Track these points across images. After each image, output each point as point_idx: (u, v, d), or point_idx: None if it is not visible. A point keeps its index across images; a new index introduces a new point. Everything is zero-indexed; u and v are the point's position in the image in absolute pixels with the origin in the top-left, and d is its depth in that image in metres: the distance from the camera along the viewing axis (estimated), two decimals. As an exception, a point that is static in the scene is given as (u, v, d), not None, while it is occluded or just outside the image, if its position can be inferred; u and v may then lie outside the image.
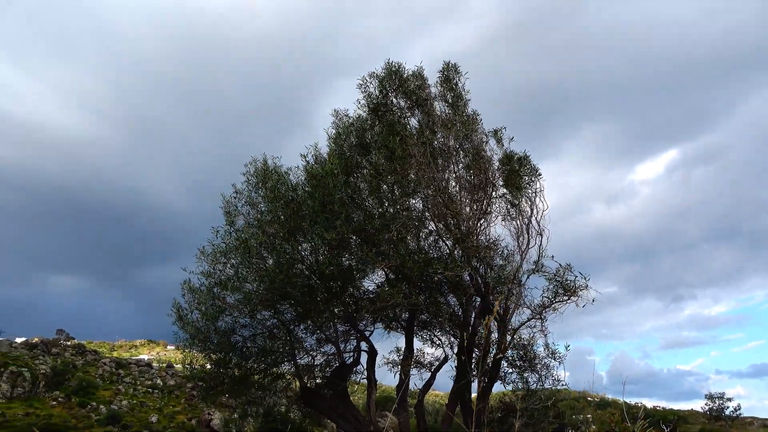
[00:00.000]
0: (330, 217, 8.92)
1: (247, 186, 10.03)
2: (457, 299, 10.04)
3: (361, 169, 10.19)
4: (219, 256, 9.46)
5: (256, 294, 9.32)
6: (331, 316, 9.94)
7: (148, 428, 47.35)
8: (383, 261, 8.67)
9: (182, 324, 9.47)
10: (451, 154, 9.94)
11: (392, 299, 8.44)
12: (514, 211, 9.76)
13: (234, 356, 9.64)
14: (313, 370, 10.12)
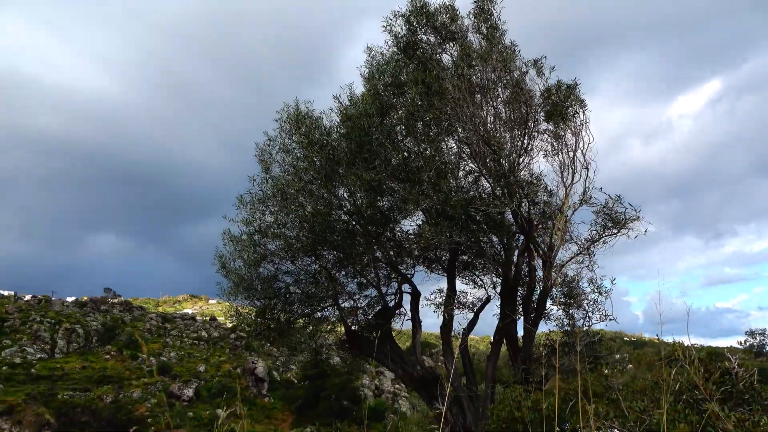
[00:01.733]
0: (368, 158, 8.72)
1: (281, 133, 9.87)
2: (498, 238, 9.84)
3: (395, 109, 9.88)
4: (257, 204, 9.43)
5: (296, 240, 9.31)
6: (372, 259, 9.89)
7: (197, 377, 49.52)
8: (424, 200, 8.47)
9: (225, 272, 9.56)
10: (488, 89, 9.51)
11: (435, 238, 8.28)
12: (558, 145, 9.36)
13: (278, 302, 9.73)
14: (356, 313, 10.17)
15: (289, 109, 9.78)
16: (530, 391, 7.09)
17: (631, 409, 4.83)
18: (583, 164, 8.96)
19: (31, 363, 45.77)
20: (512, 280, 9.34)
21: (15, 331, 49.34)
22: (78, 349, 51.51)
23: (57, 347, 49.62)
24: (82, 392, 41.51)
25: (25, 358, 46.17)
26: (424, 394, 9.72)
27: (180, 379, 47.38)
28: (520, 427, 6.54)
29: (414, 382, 9.74)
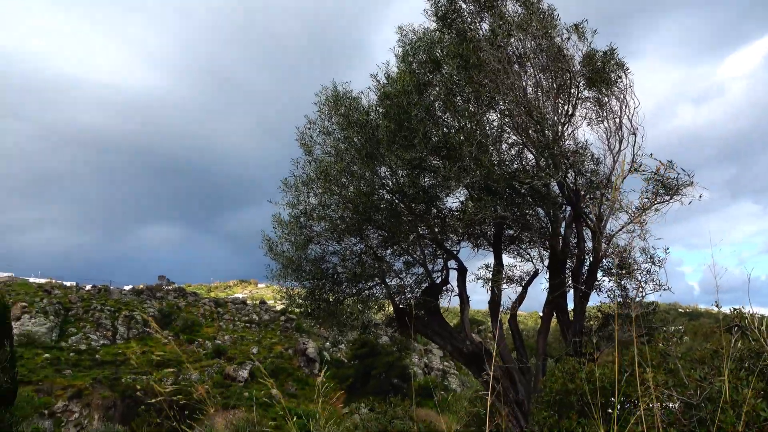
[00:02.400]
0: (408, 136, 8.69)
1: (320, 115, 9.93)
2: (545, 210, 9.68)
3: (432, 86, 9.77)
4: (301, 186, 9.56)
5: (341, 221, 9.41)
6: (416, 237, 9.90)
7: (250, 359, 51.01)
8: (466, 176, 8.40)
9: (273, 255, 9.77)
10: (528, 57, 9.28)
11: (479, 214, 8.22)
12: (602, 112, 9.09)
13: (326, 282, 9.90)
14: (403, 291, 10.24)
15: (327, 91, 9.82)
16: (583, 363, 7.01)
17: (690, 378, 4.72)
18: (630, 130, 8.68)
19: (95, 349, 48.19)
20: (560, 252, 9.19)
21: (79, 320, 51.96)
22: (137, 335, 53.90)
23: (118, 333, 52.03)
24: (143, 375, 43.50)
25: (89, 345, 48.64)
26: (475, 370, 9.74)
27: (235, 361, 49.02)
28: (574, 398, 6.49)
29: (464, 357, 9.78)
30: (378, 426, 6.77)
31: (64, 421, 37.83)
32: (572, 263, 9.74)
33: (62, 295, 55.98)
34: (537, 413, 7.00)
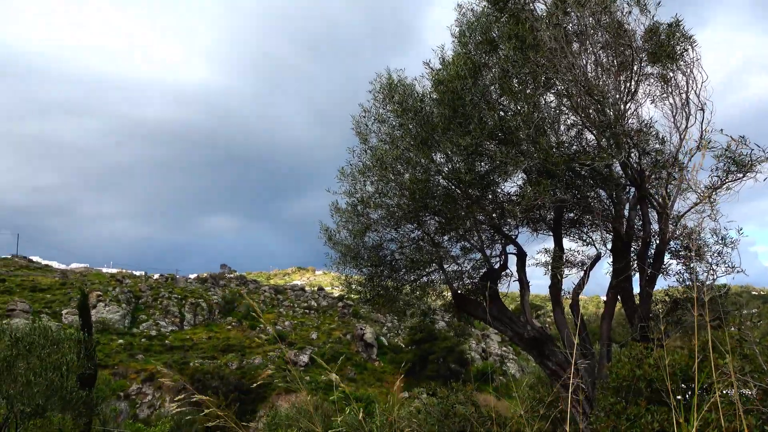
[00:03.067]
0: (463, 122, 8.61)
1: (374, 103, 9.97)
2: (607, 192, 9.40)
3: (488, 68, 9.61)
4: (358, 175, 9.66)
5: (398, 208, 9.46)
6: (474, 223, 9.84)
7: (310, 344, 52.26)
8: (525, 160, 8.26)
9: (332, 243, 9.95)
10: (586, 35, 8.97)
11: (537, 198, 8.07)
12: (668, 88, 8.69)
13: (384, 269, 10.00)
14: (462, 276, 10.22)
15: (382, 79, 9.84)
16: (651, 349, 6.82)
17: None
18: (698, 106, 8.27)
19: (164, 335, 50.61)
20: (624, 235, 8.92)
21: (148, 307, 54.62)
22: (203, 321, 56.23)
23: (185, 320, 54.44)
24: (210, 360, 45.41)
25: (159, 331, 51.12)
26: (536, 355, 9.64)
27: (295, 346, 50.39)
28: (643, 384, 6.33)
29: (524, 342, 9.69)
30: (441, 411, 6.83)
31: (138, 402, 40.04)
32: (637, 246, 9.43)
33: (133, 284, 58.94)
34: (603, 399, 6.87)
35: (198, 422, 23.31)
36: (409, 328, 51.53)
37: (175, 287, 60.81)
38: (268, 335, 52.93)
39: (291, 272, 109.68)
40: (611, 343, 9.17)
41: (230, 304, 59.02)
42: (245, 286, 68.51)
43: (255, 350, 49.17)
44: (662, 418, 6.02)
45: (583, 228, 10.35)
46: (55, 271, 65.10)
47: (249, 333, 53.75)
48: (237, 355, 47.39)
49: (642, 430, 5.99)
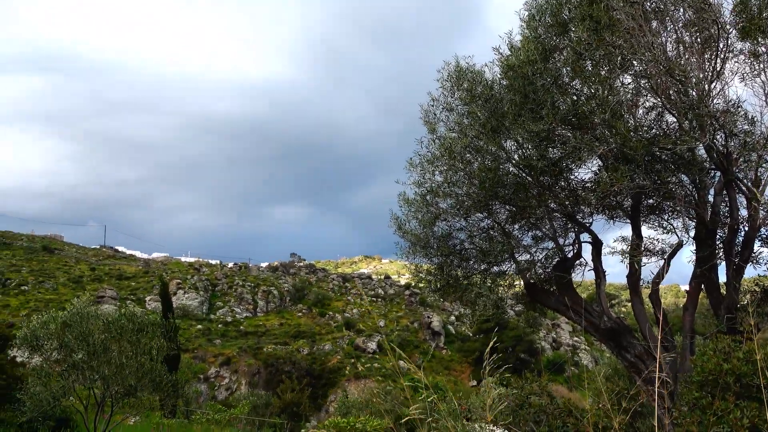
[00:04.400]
0: (534, 108, 8.42)
1: (443, 91, 9.91)
2: (689, 177, 8.93)
3: (559, 51, 9.32)
4: (426, 165, 9.66)
5: (467, 197, 9.40)
6: (546, 211, 9.63)
7: (378, 331, 52.91)
8: (600, 145, 7.98)
9: (402, 233, 10.02)
10: (667, 12, 8.52)
11: (614, 185, 7.79)
12: (758, 65, 8.13)
13: (454, 258, 9.98)
14: (534, 266, 10.04)
15: (449, 66, 9.75)
16: (740, 342, 6.47)
17: None
18: (794, 83, 7.69)
19: (239, 321, 52.80)
20: (709, 221, 8.46)
21: (224, 294, 57.10)
22: (275, 308, 58.20)
23: (258, 307, 56.53)
24: (282, 346, 47.02)
25: (234, 317, 53.38)
26: (613, 346, 9.35)
27: (363, 333, 51.27)
28: (731, 379, 6.03)
29: (600, 333, 9.42)
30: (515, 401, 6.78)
31: (216, 385, 42.06)
32: (723, 233, 8.93)
33: (209, 272, 61.73)
34: (687, 394, 6.59)
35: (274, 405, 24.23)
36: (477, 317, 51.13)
37: (249, 275, 63.19)
38: (337, 322, 54.09)
39: (358, 260, 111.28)
40: (694, 335, 8.75)
41: (300, 291, 60.69)
42: (314, 275, 70.21)
43: (325, 337, 50.43)
44: (753, 414, 5.72)
45: (663, 215, 9.90)
46: (139, 260, 69.21)
47: (318, 320, 55.16)
48: (308, 341, 48.77)
49: (731, 427, 5.72)
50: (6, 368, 16.02)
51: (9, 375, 15.70)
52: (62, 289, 52.06)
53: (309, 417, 29.06)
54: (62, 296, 49.15)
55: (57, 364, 11.80)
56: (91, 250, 72.28)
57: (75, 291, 50.78)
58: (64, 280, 54.40)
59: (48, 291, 50.93)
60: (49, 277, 54.07)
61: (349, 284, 67.60)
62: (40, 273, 54.63)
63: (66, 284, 53.37)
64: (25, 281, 51.77)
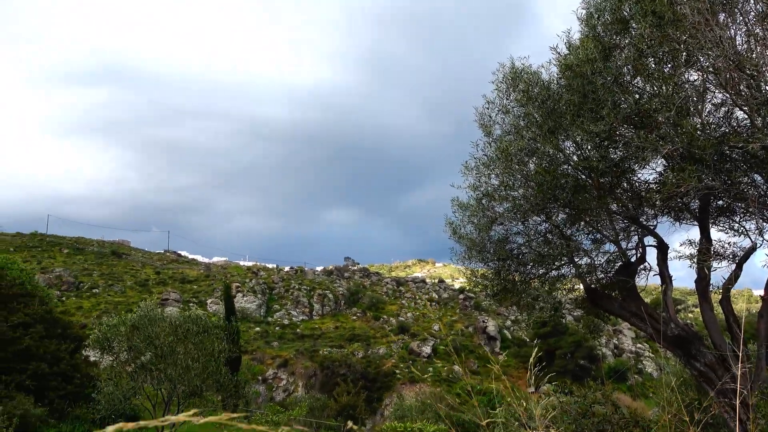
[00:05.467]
0: (594, 108, 8.19)
1: (498, 93, 9.79)
2: (763, 177, 8.46)
3: (620, 49, 9.03)
4: (482, 168, 9.57)
5: (524, 200, 9.24)
6: (606, 213, 9.34)
7: (432, 335, 52.68)
8: (665, 145, 7.67)
9: (457, 238, 9.95)
10: (736, 3, 8.11)
11: (681, 186, 7.47)
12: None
13: (511, 263, 9.83)
14: (594, 270, 9.75)
15: (504, 68, 9.63)
16: (824, 352, 6.06)
17: None
18: None
19: (296, 324, 53.75)
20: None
21: (281, 298, 58.29)
22: (330, 312, 58.94)
23: (313, 310, 57.39)
24: (337, 349, 47.52)
25: (291, 320, 54.39)
26: (681, 354, 8.95)
27: (417, 337, 51.14)
28: (814, 392, 5.65)
29: (667, 341, 9.03)
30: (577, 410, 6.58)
31: (274, 386, 42.95)
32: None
33: (266, 276, 63.21)
34: (764, 406, 6.24)
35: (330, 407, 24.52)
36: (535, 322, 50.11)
37: (304, 279, 64.30)
38: (392, 326, 54.17)
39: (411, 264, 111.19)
40: (771, 343, 8.26)
41: (354, 295, 61.19)
42: (368, 278, 70.63)
43: (379, 340, 50.62)
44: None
45: (734, 216, 9.41)
46: (200, 265, 71.64)
47: (373, 323, 55.42)
48: (362, 344, 49.08)
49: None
50: (81, 367, 16.95)
51: (83, 374, 16.60)
52: (129, 291, 54.58)
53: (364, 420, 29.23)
54: (130, 299, 51.53)
55: (126, 365, 12.40)
56: (156, 254, 75.43)
57: (141, 294, 53.12)
58: (131, 283, 57.01)
59: (117, 294, 53.52)
60: (118, 281, 56.80)
61: (403, 288, 67.64)
62: (109, 277, 57.49)
63: (133, 287, 55.91)
64: (96, 284, 54.60)
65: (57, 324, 17.90)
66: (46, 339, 16.44)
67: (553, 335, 46.44)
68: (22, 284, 19.55)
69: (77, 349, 17.77)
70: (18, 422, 12.30)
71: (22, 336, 15.88)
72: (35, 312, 17.19)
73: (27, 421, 12.89)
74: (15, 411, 12.59)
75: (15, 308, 16.77)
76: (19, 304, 17.08)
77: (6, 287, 17.34)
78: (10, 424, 11.98)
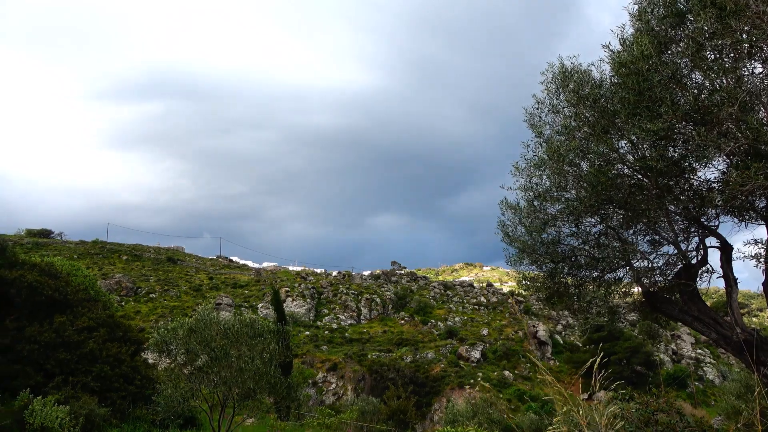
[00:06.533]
0: (651, 105, 7.92)
1: (547, 93, 9.62)
2: (839, 172, 7.97)
3: (675, 43, 8.72)
4: (533, 169, 9.42)
5: (577, 201, 9.03)
6: (665, 214, 9.01)
7: (481, 340, 52.06)
8: (727, 142, 7.34)
9: (510, 240, 9.82)
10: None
11: (747, 184, 7.13)
12: None
13: (564, 265, 9.61)
14: (652, 273, 9.42)
15: (554, 68, 9.47)
16: None
17: None
18: None
19: (344, 328, 54.16)
20: None
21: (329, 302, 58.88)
22: (377, 316, 59.11)
23: (361, 314, 57.70)
24: (385, 353, 47.58)
25: (339, 324, 54.85)
26: (747, 360, 8.51)
27: (466, 342, 50.62)
28: None
29: (732, 346, 8.62)
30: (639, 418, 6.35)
31: (324, 390, 43.38)
32: None
33: (315, 280, 64.01)
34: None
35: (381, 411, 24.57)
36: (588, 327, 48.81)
37: (352, 284, 64.75)
38: (440, 330, 53.85)
39: (458, 268, 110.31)
40: None
41: (402, 299, 61.17)
42: (415, 282, 70.50)
43: (427, 344, 50.39)
44: None
45: (805, 215, 8.91)
46: (251, 270, 73.26)
47: (421, 328, 55.24)
48: (410, 348, 48.97)
49: None
50: (140, 369, 17.59)
51: (143, 376, 17.22)
52: (184, 296, 56.35)
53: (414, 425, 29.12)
54: (184, 303, 53.20)
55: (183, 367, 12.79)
56: (209, 260, 77.64)
57: (195, 298, 54.78)
58: (185, 288, 58.85)
59: (172, 298, 55.33)
60: (173, 286, 58.73)
61: (451, 292, 67.16)
62: (165, 282, 59.53)
63: (188, 292, 57.70)
64: (153, 289, 56.62)
65: (118, 328, 18.66)
66: (109, 342, 17.14)
67: (607, 340, 45.07)
68: (85, 290, 20.50)
69: (137, 351, 18.45)
70: (83, 421, 12.88)
71: (86, 339, 16.62)
72: (98, 316, 17.98)
73: (92, 420, 13.48)
74: (81, 411, 13.19)
75: (80, 313, 17.59)
76: (83, 309, 17.90)
77: (72, 293, 18.21)
78: (76, 423, 12.56)
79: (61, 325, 16.41)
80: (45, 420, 12.10)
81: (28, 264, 19.03)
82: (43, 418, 12.12)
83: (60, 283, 18.25)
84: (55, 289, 17.45)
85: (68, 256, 48.46)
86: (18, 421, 12.27)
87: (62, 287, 18.03)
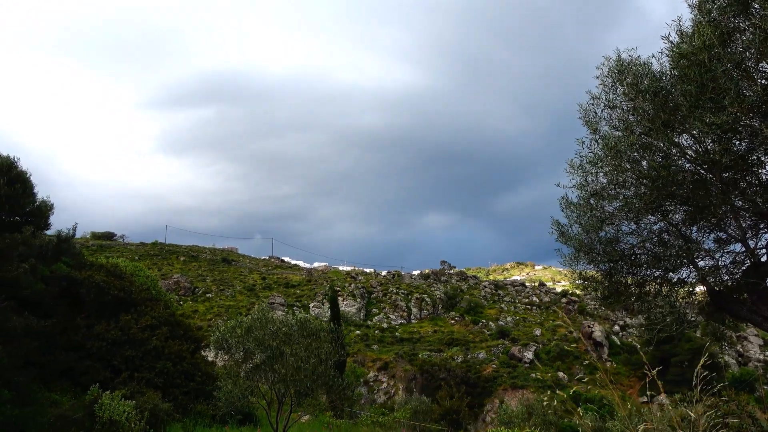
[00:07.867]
0: (714, 98, 7.62)
1: (603, 88, 9.39)
2: None
3: (740, 32, 8.35)
4: (589, 166, 9.21)
5: (637, 198, 8.77)
6: (731, 210, 8.65)
7: (534, 340, 51.17)
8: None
9: (565, 239, 9.64)
10: None
11: (822, 178, 6.77)
12: None
13: (623, 264, 9.36)
14: (718, 272, 9.05)
15: (610, 61, 9.23)
16: None
17: None
18: None
19: (394, 327, 54.32)
20: None
21: (379, 302, 59.17)
22: (428, 315, 58.98)
23: (411, 314, 57.72)
24: (436, 353, 47.44)
25: (389, 324, 55.05)
26: (825, 364, 8.06)
27: (519, 342, 49.85)
28: None
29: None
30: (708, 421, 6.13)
31: (375, 389, 43.67)
32: None
33: (365, 280, 64.48)
34: None
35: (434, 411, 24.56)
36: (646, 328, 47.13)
37: (401, 283, 64.88)
38: (491, 330, 53.26)
39: (509, 267, 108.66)
40: None
41: (452, 299, 60.83)
42: (465, 282, 69.96)
43: (479, 345, 49.95)
44: None
45: None
46: (302, 270, 74.53)
47: (471, 327, 54.79)
48: (461, 348, 48.65)
49: None
50: (200, 366, 18.24)
51: (203, 373, 17.85)
52: (239, 296, 57.90)
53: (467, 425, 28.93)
54: (239, 302, 54.68)
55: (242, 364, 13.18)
56: (261, 260, 79.48)
57: (249, 298, 56.22)
58: (240, 288, 60.47)
59: (228, 298, 56.97)
60: (228, 286, 60.46)
61: (502, 291, 66.27)
62: (220, 282, 61.35)
63: (242, 292, 59.27)
64: (209, 289, 58.45)
65: (179, 326, 19.40)
66: (170, 340, 17.85)
67: (667, 341, 43.42)
68: (148, 289, 21.42)
69: (197, 349, 19.13)
70: (148, 415, 13.47)
71: (150, 337, 17.37)
72: (160, 315, 18.75)
73: (156, 414, 14.08)
74: (146, 405, 13.80)
75: (143, 311, 18.39)
76: (146, 308, 18.71)
77: (136, 292, 19.08)
78: (141, 417, 13.16)
79: (127, 323, 17.23)
80: (113, 414, 12.73)
81: (96, 265, 20.06)
82: (112, 412, 12.75)
83: (125, 283, 19.17)
84: (120, 289, 18.33)
85: (130, 258, 50.62)
86: (89, 414, 12.95)
87: (127, 287, 18.92)
